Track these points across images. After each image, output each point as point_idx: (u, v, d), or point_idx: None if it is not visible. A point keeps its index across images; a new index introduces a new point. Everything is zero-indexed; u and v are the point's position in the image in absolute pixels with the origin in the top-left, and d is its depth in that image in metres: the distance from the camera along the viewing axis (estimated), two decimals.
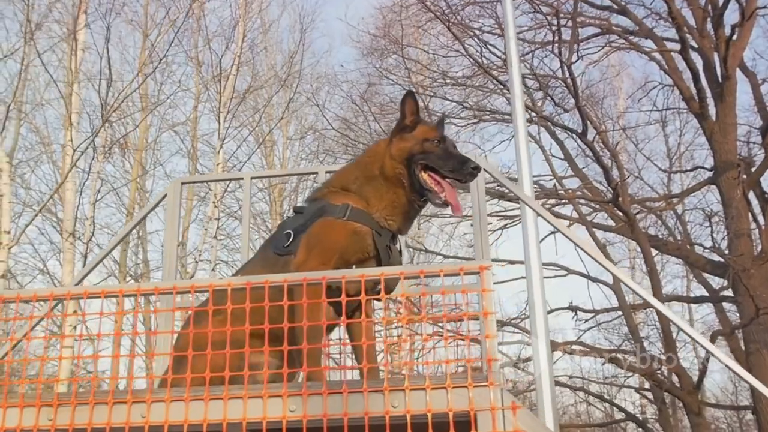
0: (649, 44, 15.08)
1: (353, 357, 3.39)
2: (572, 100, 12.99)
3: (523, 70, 15.05)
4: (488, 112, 15.73)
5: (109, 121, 13.03)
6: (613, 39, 14.79)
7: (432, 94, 16.24)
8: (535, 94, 15.49)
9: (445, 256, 20.46)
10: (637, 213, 15.58)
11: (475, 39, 14.04)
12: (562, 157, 16.33)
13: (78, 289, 2.98)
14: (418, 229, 24.44)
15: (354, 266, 3.15)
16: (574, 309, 16.43)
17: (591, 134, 13.38)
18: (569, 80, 11.84)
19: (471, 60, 14.13)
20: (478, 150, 16.40)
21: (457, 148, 3.52)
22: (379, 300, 3.05)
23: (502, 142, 16.28)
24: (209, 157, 16.98)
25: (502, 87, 13.86)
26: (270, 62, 18.89)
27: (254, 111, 16.80)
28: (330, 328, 3.36)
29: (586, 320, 16.86)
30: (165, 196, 4.66)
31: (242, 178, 4.73)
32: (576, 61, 12.44)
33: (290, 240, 3.28)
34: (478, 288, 2.65)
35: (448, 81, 16.38)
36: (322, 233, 3.21)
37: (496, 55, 14.33)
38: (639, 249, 15.72)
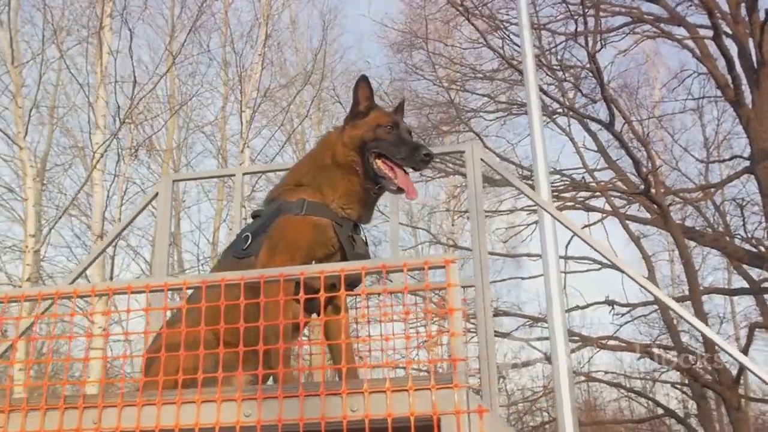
0: (681, 32, 14.69)
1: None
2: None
3: (552, 61, 14.85)
4: (516, 105, 15.46)
5: (134, 123, 13.08)
6: (642, 27, 14.40)
7: (460, 87, 16.04)
8: (564, 85, 15.17)
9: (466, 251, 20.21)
10: (671, 204, 15.22)
11: (500, 31, 13.78)
12: (596, 148, 16.00)
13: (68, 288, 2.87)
14: (452, 225, 24.29)
15: (320, 262, 3.02)
16: (610, 303, 16.12)
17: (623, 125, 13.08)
18: (595, 70, 11.54)
19: (495, 52, 13.91)
20: (508, 145, 16.14)
21: (413, 134, 3.39)
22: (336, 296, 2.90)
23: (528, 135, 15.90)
24: (239, 157, 16.95)
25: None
26: (298, 59, 18.87)
27: (281, 109, 16.75)
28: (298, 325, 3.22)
29: (623, 314, 16.52)
30: (156, 194, 4.58)
31: (234, 174, 4.64)
32: (600, 49, 12.13)
33: (248, 242, 3.19)
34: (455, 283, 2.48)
35: (477, 75, 16.16)
36: (282, 232, 3.09)
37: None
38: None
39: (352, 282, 2.98)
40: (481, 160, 4.30)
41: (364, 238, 3.24)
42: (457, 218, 23.44)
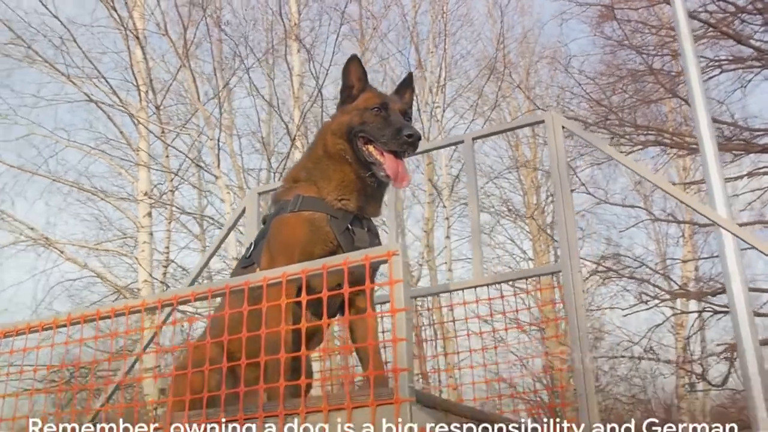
0: None
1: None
2: None
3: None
4: (714, 61, 13.88)
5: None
6: None
7: (657, 53, 14.83)
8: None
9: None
10: None
11: None
12: None
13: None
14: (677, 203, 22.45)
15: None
16: None
17: None
18: None
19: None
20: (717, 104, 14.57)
21: (409, 113, 3.01)
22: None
23: (735, 90, 14.22)
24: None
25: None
26: (480, 50, 18.40)
27: (471, 105, 16.44)
28: (311, 333, 2.96)
29: None
30: (244, 209, 4.55)
31: None
32: None
33: (251, 250, 3.05)
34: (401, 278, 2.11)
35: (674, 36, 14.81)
36: (278, 232, 2.89)
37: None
38: None
39: (358, 279, 2.68)
40: (563, 128, 3.79)
41: (371, 229, 2.94)
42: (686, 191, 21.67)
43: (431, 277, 16.41)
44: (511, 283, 4.85)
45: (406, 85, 3.15)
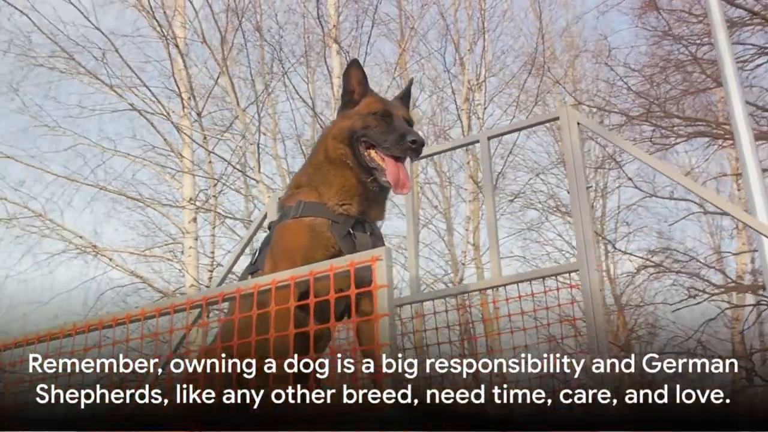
0: None
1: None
2: None
3: None
4: (763, 48, 13.50)
5: None
6: None
7: (706, 41, 14.47)
8: None
9: None
10: None
11: None
12: None
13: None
14: (738, 189, 21.92)
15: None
16: None
17: None
18: None
19: None
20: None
21: (411, 119, 2.99)
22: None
23: None
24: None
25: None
26: (525, 48, 18.18)
27: (513, 99, 16.23)
28: (318, 338, 2.95)
29: None
30: (266, 214, 4.58)
31: None
32: None
33: (256, 256, 3.07)
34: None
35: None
36: (280, 239, 2.91)
37: None
38: None
39: (361, 283, 2.68)
40: (579, 124, 3.73)
41: (373, 233, 2.93)
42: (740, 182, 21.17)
43: (477, 276, 16.30)
44: (562, 277, 4.80)
45: (407, 91, 3.16)
